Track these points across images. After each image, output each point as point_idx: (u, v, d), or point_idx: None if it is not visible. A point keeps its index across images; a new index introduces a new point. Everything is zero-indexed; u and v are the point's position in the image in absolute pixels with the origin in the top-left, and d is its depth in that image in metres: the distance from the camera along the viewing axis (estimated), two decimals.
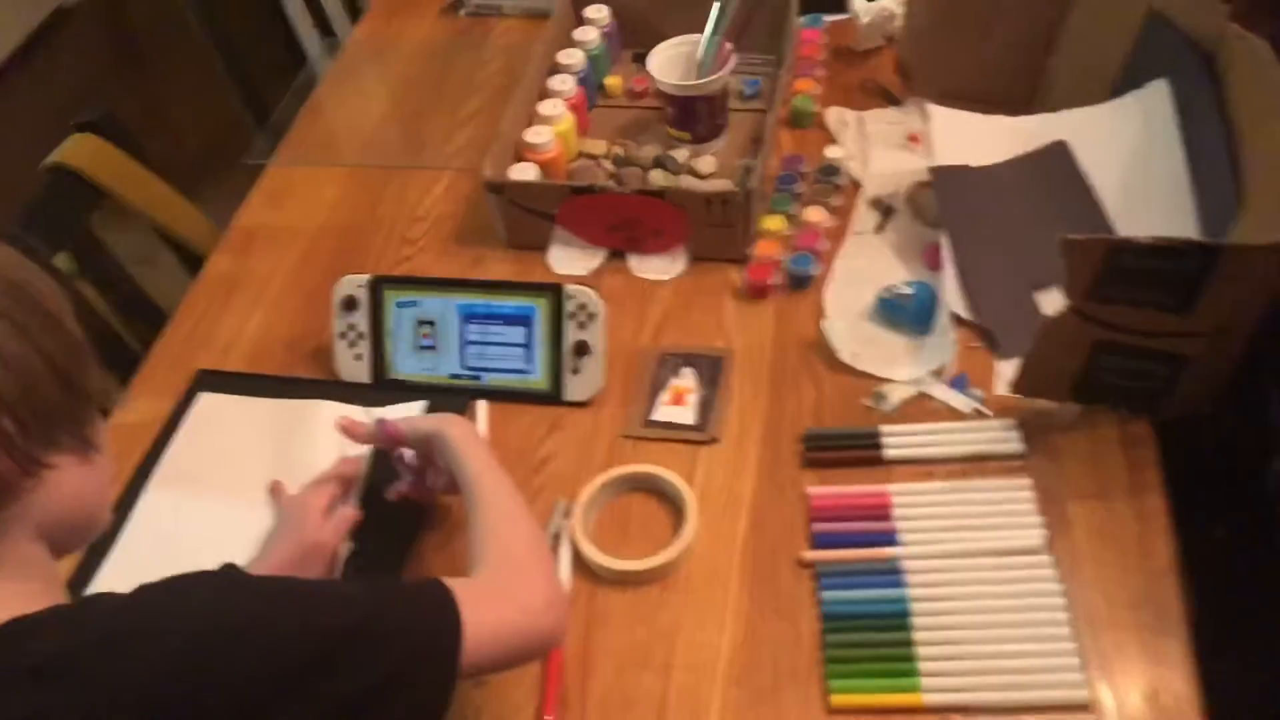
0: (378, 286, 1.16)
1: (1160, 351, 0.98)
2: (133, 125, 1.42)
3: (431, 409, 1.12)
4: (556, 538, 1.01)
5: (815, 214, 1.27)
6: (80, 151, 1.28)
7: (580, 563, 1.00)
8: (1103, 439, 1.04)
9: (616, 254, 1.29)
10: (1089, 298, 0.95)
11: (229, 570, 0.70)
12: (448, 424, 0.96)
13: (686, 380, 1.14)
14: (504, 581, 0.81)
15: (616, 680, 0.92)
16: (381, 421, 1.00)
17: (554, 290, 1.12)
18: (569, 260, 1.29)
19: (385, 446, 1.01)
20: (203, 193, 1.50)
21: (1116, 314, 0.96)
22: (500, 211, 1.28)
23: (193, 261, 1.42)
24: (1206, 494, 1.08)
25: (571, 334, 1.12)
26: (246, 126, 1.87)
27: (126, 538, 1.05)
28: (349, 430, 1.01)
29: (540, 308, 1.12)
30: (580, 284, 1.14)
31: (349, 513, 0.98)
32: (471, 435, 0.96)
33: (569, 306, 1.11)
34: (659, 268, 1.27)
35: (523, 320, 1.13)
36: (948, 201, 1.19)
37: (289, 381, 1.18)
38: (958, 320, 1.13)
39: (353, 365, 1.17)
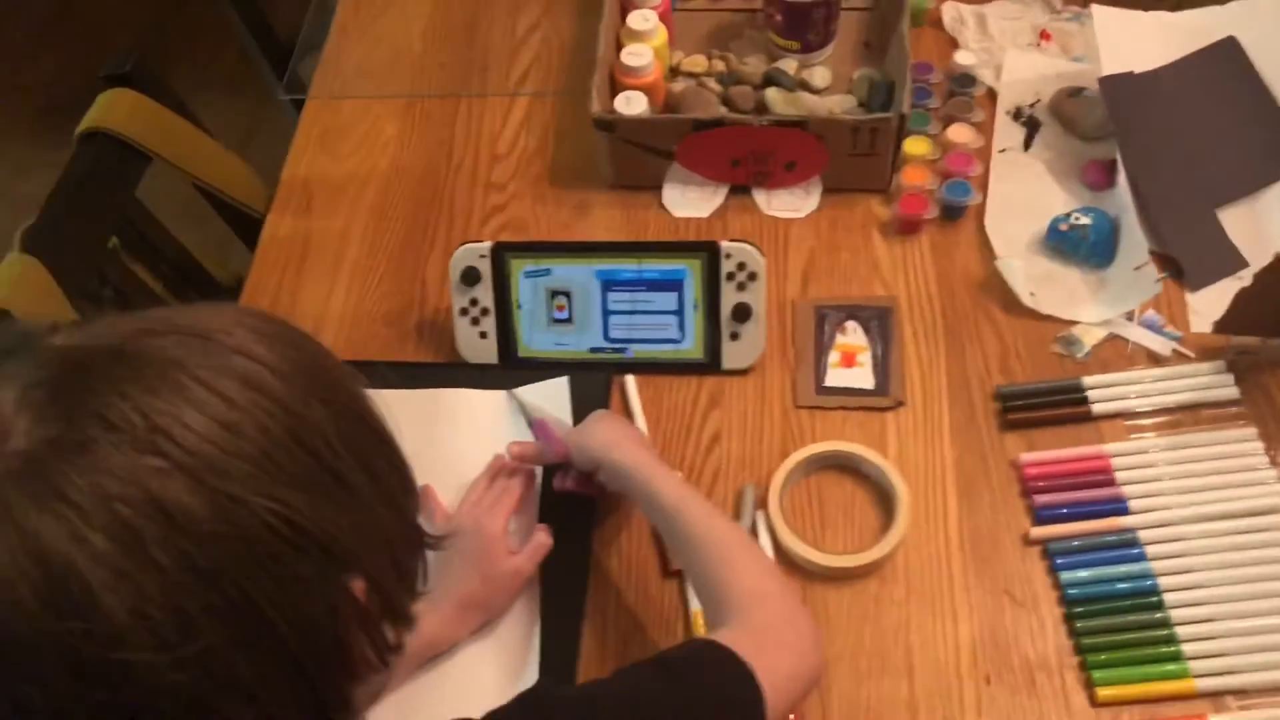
0: (501, 255, 1.02)
1: None
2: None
3: (574, 386, 1.01)
4: (753, 531, 0.92)
5: (961, 133, 1.15)
6: (116, 110, 1.09)
7: (782, 555, 0.91)
8: None
9: (738, 189, 1.16)
10: None
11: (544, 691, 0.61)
12: (616, 449, 0.85)
13: (854, 337, 1.03)
14: (772, 629, 0.72)
15: (857, 689, 0.85)
16: (543, 433, 0.90)
17: (708, 250, 0.99)
18: (687, 201, 1.16)
19: (556, 461, 0.91)
20: (223, 138, 1.31)
21: None
22: (609, 150, 1.14)
23: (246, 225, 1.24)
24: None
25: (730, 297, 1.00)
26: (248, 51, 1.63)
27: None
28: (521, 457, 0.91)
29: (693, 270, 1.00)
30: (702, 227, 1.02)
31: (543, 540, 0.88)
32: (645, 455, 0.86)
33: (727, 267, 0.99)
34: (791, 204, 1.14)
35: (673, 285, 1.01)
36: (1120, 115, 1.08)
37: (407, 368, 1.05)
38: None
39: (477, 344, 1.04)
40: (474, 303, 1.03)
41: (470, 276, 1.02)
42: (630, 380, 1.02)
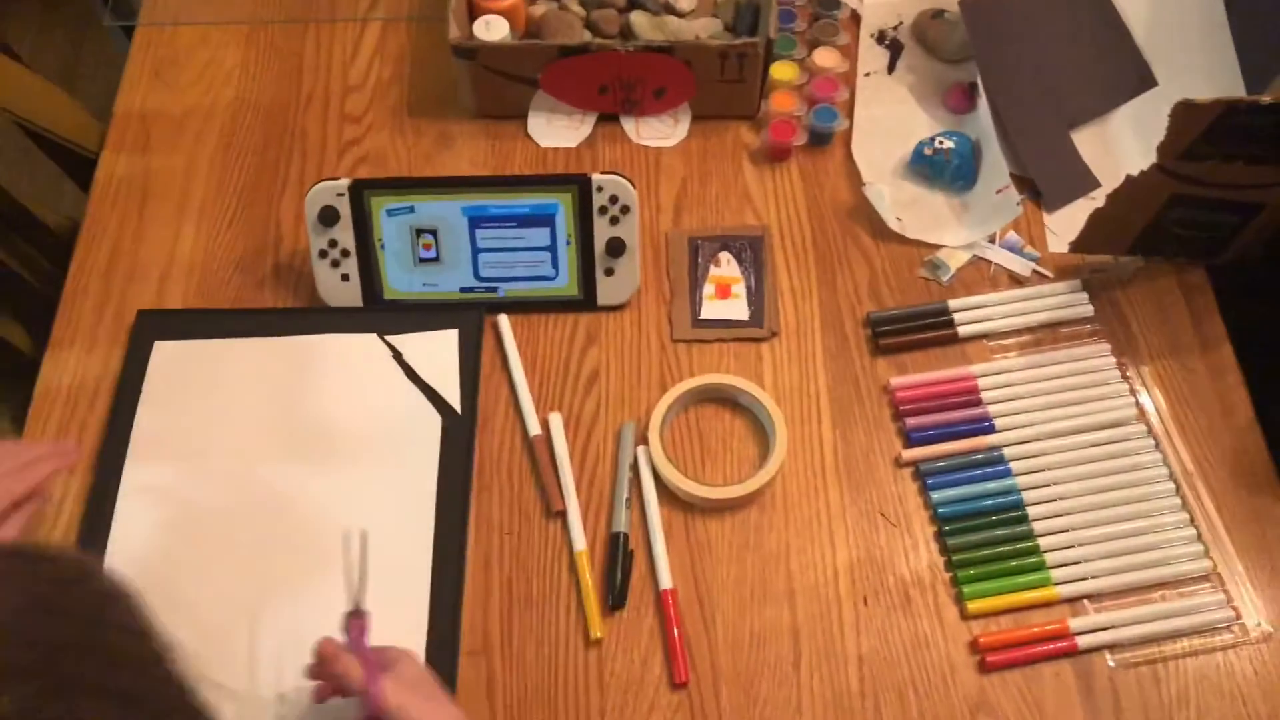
0: (360, 193, 0.97)
1: (1236, 202, 0.95)
2: None
3: (454, 325, 0.98)
4: (634, 468, 0.92)
5: (827, 58, 1.14)
6: None
7: (664, 490, 0.91)
8: (1164, 290, 1.02)
9: (606, 118, 1.13)
10: (1182, 156, 0.90)
11: None
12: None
13: (728, 268, 1.03)
14: None
15: (740, 617, 0.86)
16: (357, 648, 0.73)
17: (579, 183, 0.96)
18: (554, 130, 1.12)
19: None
20: (43, 70, 1.20)
21: (1205, 170, 0.91)
22: (470, 78, 1.09)
23: (77, 164, 1.15)
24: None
25: (603, 231, 0.98)
26: None
27: (119, 530, 0.88)
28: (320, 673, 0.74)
29: (564, 204, 0.97)
30: (556, 151, 0.99)
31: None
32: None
33: (598, 200, 0.97)
34: (660, 132, 1.12)
35: (544, 220, 0.98)
36: (979, 37, 1.09)
37: (265, 315, 0.99)
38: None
39: (339, 288, 0.99)
40: (333, 244, 0.98)
41: (328, 216, 0.97)
42: (504, 320, 1.00)
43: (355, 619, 0.73)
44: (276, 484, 0.91)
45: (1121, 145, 1.09)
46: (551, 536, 0.90)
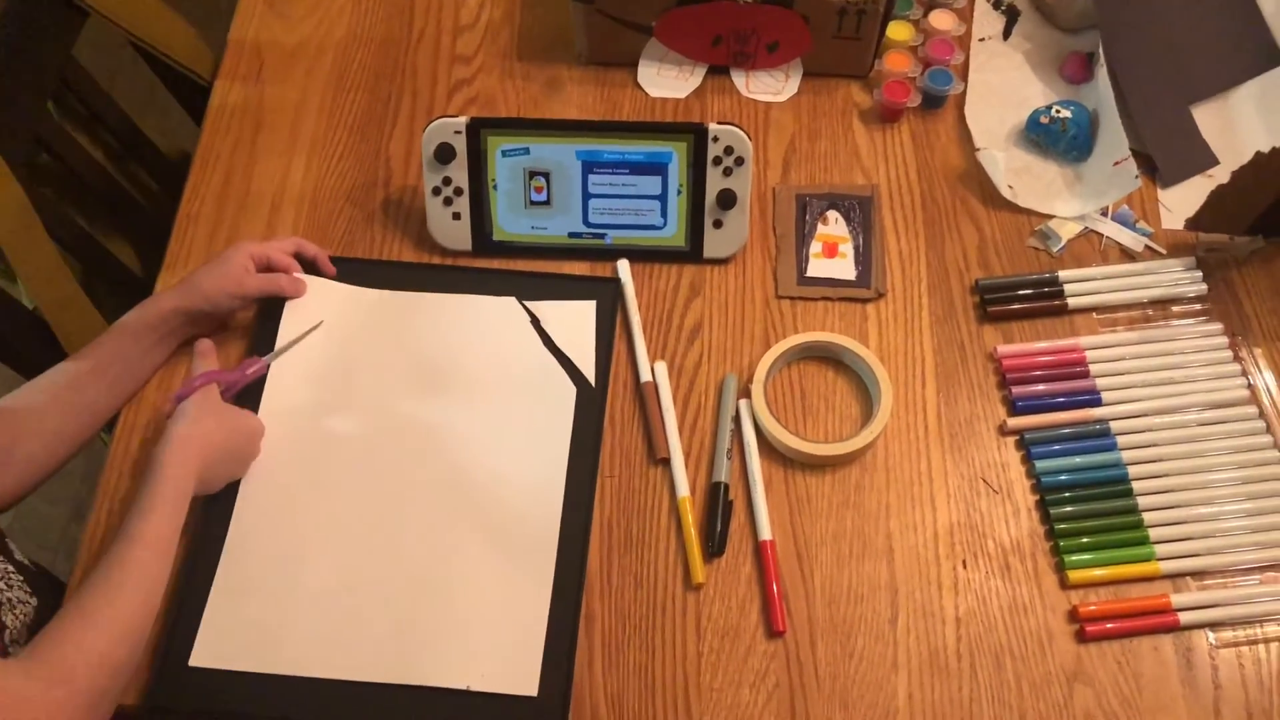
0: (477, 131, 0.97)
1: None
2: None
3: (592, 297, 0.98)
4: (736, 419, 0.92)
5: (944, 20, 1.12)
6: None
7: (765, 444, 0.92)
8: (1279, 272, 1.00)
9: (716, 70, 1.12)
10: None
11: None
12: (177, 445, 0.80)
13: (835, 227, 1.02)
14: (32, 697, 0.67)
15: (839, 572, 0.87)
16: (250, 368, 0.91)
17: (695, 132, 0.96)
18: (664, 80, 1.12)
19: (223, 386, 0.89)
20: None
21: None
22: (584, 23, 1.09)
23: (190, 92, 1.16)
24: None
25: (715, 182, 0.98)
26: None
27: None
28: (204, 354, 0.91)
29: (678, 153, 0.97)
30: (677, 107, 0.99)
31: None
32: (177, 461, 0.80)
33: (713, 150, 0.96)
34: (771, 87, 1.11)
35: (657, 169, 0.98)
36: (1105, 7, 1.06)
37: (396, 267, 1.00)
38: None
39: (450, 226, 1.00)
40: (447, 182, 0.99)
41: (444, 154, 0.97)
42: (624, 266, 1.00)
43: (251, 361, 0.90)
44: (413, 425, 0.92)
45: (1243, 122, 1.07)
46: (653, 482, 0.91)
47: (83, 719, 0.69)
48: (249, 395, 0.92)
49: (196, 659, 0.82)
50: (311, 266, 0.97)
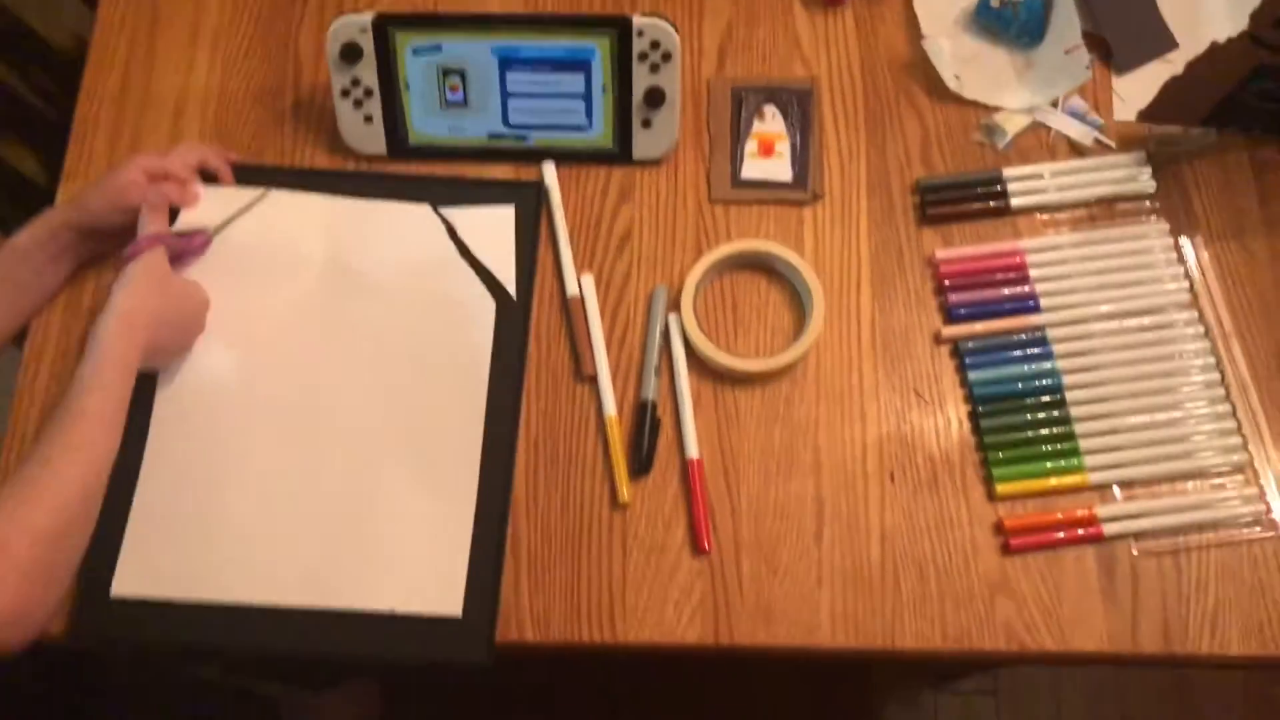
0: (385, 29, 0.90)
1: None
2: None
3: (511, 201, 0.94)
4: (665, 335, 0.90)
5: None
6: None
7: (694, 359, 0.89)
8: (1233, 166, 0.96)
9: None
10: (1278, 25, 0.83)
11: None
12: (126, 296, 0.79)
13: (772, 124, 0.97)
14: None
15: (765, 488, 0.86)
16: (197, 241, 0.89)
17: (619, 25, 0.90)
18: None
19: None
20: None
21: None
22: None
23: None
24: None
25: (642, 80, 0.92)
26: None
27: (162, 408, 0.87)
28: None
29: (601, 49, 0.91)
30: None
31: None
32: (120, 335, 0.77)
33: (639, 45, 0.90)
34: None
35: (580, 65, 0.92)
36: None
37: (309, 174, 0.95)
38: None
39: (362, 130, 0.95)
40: (355, 83, 0.93)
41: (350, 53, 0.91)
42: (550, 169, 0.95)
43: (201, 235, 0.89)
44: (328, 342, 0.89)
45: (1206, 4, 1.01)
46: (580, 399, 0.89)
47: (26, 589, 0.69)
48: None
49: (119, 588, 0.82)
50: (214, 181, 0.92)
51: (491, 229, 0.92)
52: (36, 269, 0.87)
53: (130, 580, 0.82)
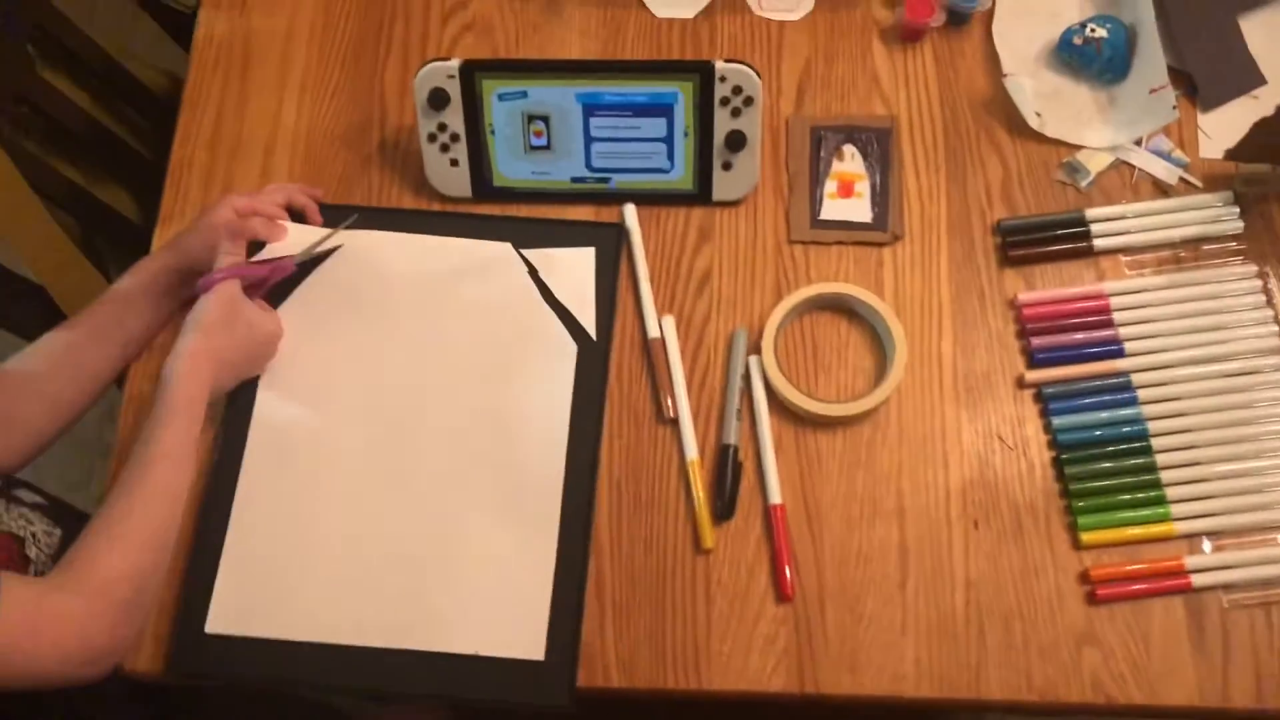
0: (471, 76, 0.92)
1: None
2: None
3: (592, 243, 0.95)
4: (746, 378, 0.90)
5: None
6: None
7: (775, 401, 0.90)
8: None
9: None
10: None
11: None
12: (187, 357, 0.80)
13: (852, 164, 0.97)
14: (71, 615, 0.70)
15: (849, 534, 0.86)
16: (276, 268, 0.90)
17: (702, 71, 0.90)
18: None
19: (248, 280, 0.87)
20: None
21: None
22: None
23: (175, 22, 1.10)
24: None
25: (723, 123, 0.93)
26: None
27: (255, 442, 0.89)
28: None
29: (684, 93, 0.92)
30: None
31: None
32: (190, 374, 0.80)
33: (721, 90, 0.91)
34: (785, 3, 1.04)
35: (662, 110, 0.92)
36: None
37: (393, 214, 0.97)
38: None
39: (448, 173, 0.96)
40: (442, 128, 0.94)
41: (438, 99, 0.92)
42: (630, 210, 0.96)
43: (282, 261, 0.89)
44: (412, 382, 0.90)
45: None
46: (661, 441, 0.90)
47: (119, 629, 0.73)
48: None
49: (212, 626, 0.84)
50: (302, 219, 0.94)
51: (572, 271, 0.94)
52: (140, 313, 0.90)
53: (223, 619, 0.84)
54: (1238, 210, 0.94)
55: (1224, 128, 0.97)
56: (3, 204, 0.87)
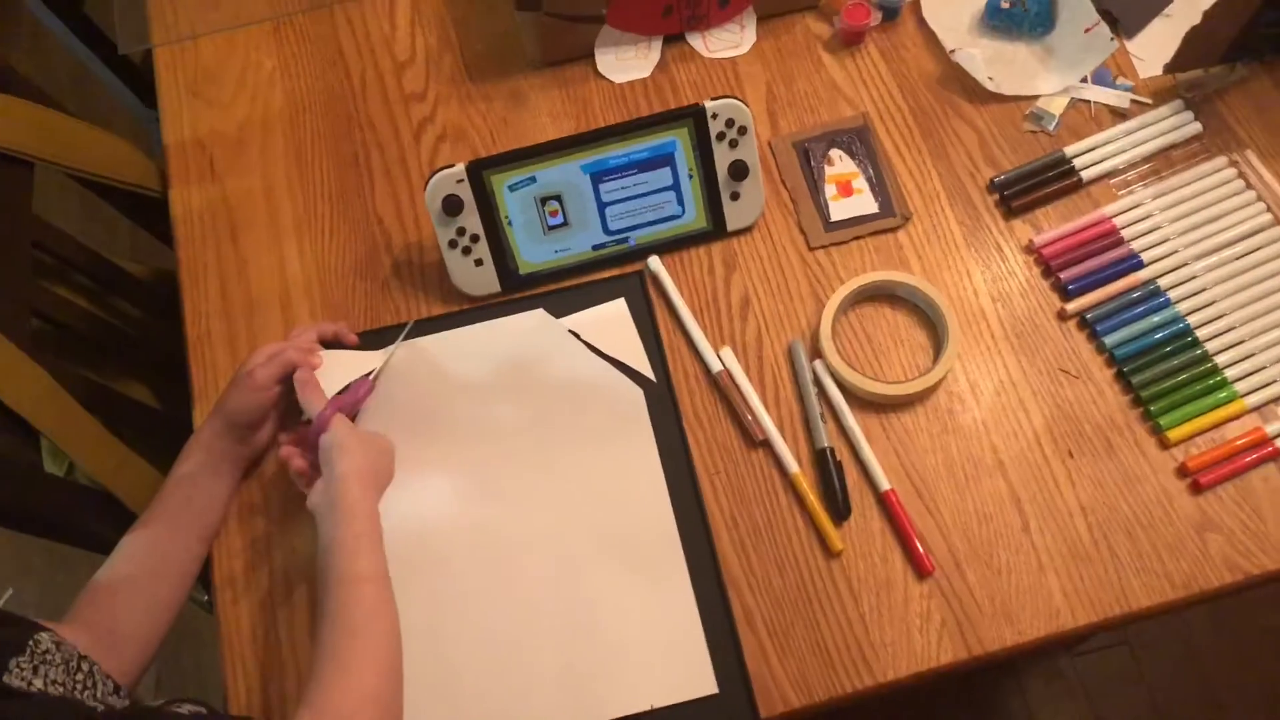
0: (479, 174, 0.94)
1: None
2: None
3: (619, 294, 0.98)
4: (817, 382, 0.93)
5: None
6: None
7: (851, 396, 0.93)
8: (1259, 90, 1.04)
9: (672, 39, 1.10)
10: None
11: None
12: (346, 459, 0.82)
13: (842, 165, 1.03)
14: None
15: (961, 499, 0.90)
16: (358, 390, 0.91)
17: (694, 113, 0.95)
18: (624, 63, 1.09)
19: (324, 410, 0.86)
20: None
21: None
22: (534, 28, 1.05)
23: (143, 210, 1.10)
24: None
25: (724, 157, 0.97)
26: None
27: None
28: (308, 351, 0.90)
29: (681, 139, 0.96)
30: (622, 80, 0.97)
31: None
32: (362, 496, 0.81)
33: (715, 127, 0.95)
34: (730, 41, 1.10)
35: (664, 160, 0.96)
36: None
37: (421, 324, 0.98)
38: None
39: (474, 274, 0.98)
40: (461, 232, 0.96)
41: (452, 205, 0.94)
42: (657, 262, 0.99)
43: (362, 381, 0.91)
44: (497, 468, 0.91)
45: None
46: (757, 465, 0.92)
47: None
48: None
49: None
50: (338, 346, 0.95)
51: (610, 324, 0.96)
52: (206, 488, 0.88)
53: None
54: (1191, 115, 1.02)
55: (1151, 48, 1.06)
56: (57, 420, 0.85)
